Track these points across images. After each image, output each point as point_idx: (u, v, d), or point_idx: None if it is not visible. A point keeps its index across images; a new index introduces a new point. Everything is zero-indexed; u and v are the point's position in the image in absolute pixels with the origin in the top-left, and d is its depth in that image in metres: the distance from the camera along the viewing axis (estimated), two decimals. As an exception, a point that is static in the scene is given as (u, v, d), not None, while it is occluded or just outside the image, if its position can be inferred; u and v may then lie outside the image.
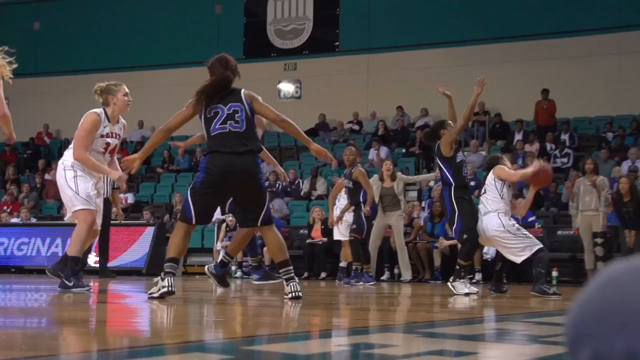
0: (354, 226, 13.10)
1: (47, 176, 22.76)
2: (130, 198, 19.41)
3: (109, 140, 8.39)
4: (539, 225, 16.33)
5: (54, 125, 26.30)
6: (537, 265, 10.30)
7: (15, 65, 8.01)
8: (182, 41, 24.67)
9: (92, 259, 15.19)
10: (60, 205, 20.57)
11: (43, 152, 25.46)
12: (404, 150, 21.29)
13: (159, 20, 25.57)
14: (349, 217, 13.59)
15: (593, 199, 14.52)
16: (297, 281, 7.16)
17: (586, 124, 21.16)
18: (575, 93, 21.00)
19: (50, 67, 26.69)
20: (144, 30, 25.60)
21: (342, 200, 13.97)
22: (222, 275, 8.60)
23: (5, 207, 20.65)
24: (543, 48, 21.63)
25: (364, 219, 13.02)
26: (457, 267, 10.02)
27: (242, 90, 7.14)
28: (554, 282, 15.04)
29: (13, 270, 17.72)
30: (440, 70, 22.38)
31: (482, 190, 10.34)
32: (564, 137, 19.86)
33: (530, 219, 16.43)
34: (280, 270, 7.22)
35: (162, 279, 6.92)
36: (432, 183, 17.43)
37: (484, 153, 20.25)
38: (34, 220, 19.50)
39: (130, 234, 16.87)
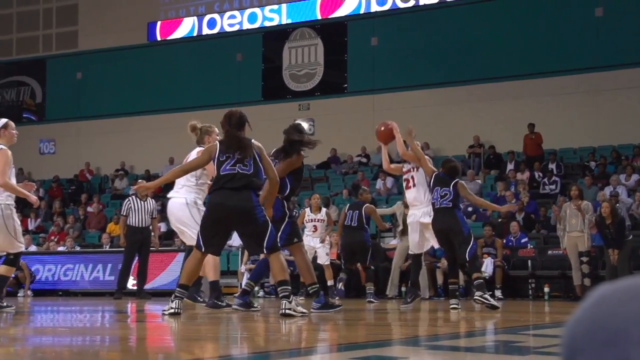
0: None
1: (89, 209, 22.83)
2: (163, 227, 19.43)
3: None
4: (531, 246, 16.28)
5: (95, 163, 26.42)
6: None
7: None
8: (208, 86, 24.82)
9: (131, 282, 15.24)
10: (100, 234, 20.64)
11: (85, 187, 25.55)
12: (406, 180, 21.25)
13: (186, 67, 25.74)
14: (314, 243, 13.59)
15: (578, 221, 14.51)
16: (290, 300, 7.31)
17: (571, 154, 21.13)
18: (561, 126, 21.00)
19: (90, 111, 26.85)
20: (173, 77, 25.77)
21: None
22: (248, 303, 8.57)
23: (52, 237, 20.74)
24: (531, 87, 21.66)
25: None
26: (480, 280, 9.92)
27: (252, 140, 7.29)
28: (546, 297, 14.99)
29: (60, 293, 17.75)
30: (438, 108, 22.47)
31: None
32: (552, 166, 19.83)
33: (523, 240, 16.39)
34: (278, 289, 7.46)
35: (172, 301, 7.16)
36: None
37: (479, 181, 20.24)
38: (78, 249, 19.55)
39: (163, 259, 16.89)
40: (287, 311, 7.20)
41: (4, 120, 8.97)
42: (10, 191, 8.63)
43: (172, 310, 7.06)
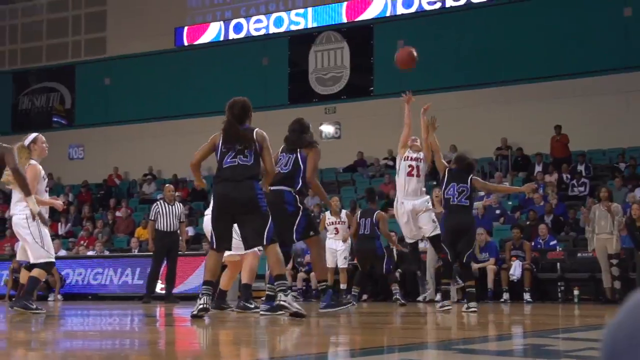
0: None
1: (117, 213, 22.96)
2: (190, 231, 19.51)
3: None
4: (560, 249, 16.16)
5: (123, 168, 26.59)
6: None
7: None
8: (234, 90, 24.74)
9: (159, 286, 15.29)
10: (129, 239, 20.76)
11: (113, 192, 25.71)
12: (434, 182, 21.20)
13: (213, 72, 25.83)
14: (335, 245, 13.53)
15: (608, 223, 14.42)
16: (287, 294, 7.33)
17: (600, 155, 20.96)
18: (589, 128, 20.85)
19: (119, 117, 27.03)
20: (200, 82, 25.88)
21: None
22: (274, 307, 8.49)
23: (82, 242, 20.87)
24: (558, 88, 21.51)
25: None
26: (473, 290, 9.86)
27: (256, 130, 7.31)
28: (576, 300, 14.87)
29: (89, 297, 17.86)
30: (465, 110, 22.35)
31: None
32: (580, 167, 19.70)
33: (552, 243, 16.27)
34: (276, 283, 7.38)
35: (200, 298, 7.24)
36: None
37: (507, 183, 20.13)
38: (107, 253, 19.66)
39: (191, 263, 16.92)
40: (283, 302, 7.22)
41: (33, 135, 9.26)
42: (41, 204, 8.88)
43: (201, 306, 7.13)
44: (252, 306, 9.20)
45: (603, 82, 21.09)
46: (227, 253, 8.25)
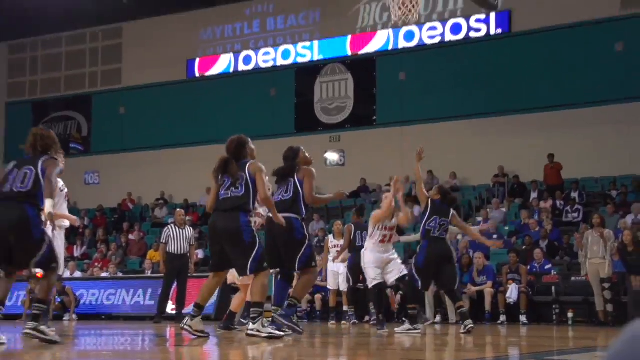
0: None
1: (130, 236, 22.96)
2: (200, 254, 19.49)
3: None
4: (555, 273, 16.12)
5: (136, 193, 26.62)
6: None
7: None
8: (243, 119, 24.92)
9: (170, 307, 15.24)
10: (141, 261, 20.73)
11: (127, 216, 25.72)
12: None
13: (223, 102, 25.92)
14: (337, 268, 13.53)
15: (600, 248, 14.40)
16: (256, 322, 7.29)
17: (593, 183, 20.93)
18: (582, 156, 20.84)
19: (133, 144, 27.10)
20: (210, 111, 25.96)
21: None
22: (280, 329, 8.23)
23: (96, 263, 20.87)
24: (553, 118, 21.51)
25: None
26: (464, 309, 10.16)
27: (248, 163, 7.47)
28: (570, 322, 14.80)
29: (103, 317, 17.81)
30: (464, 139, 22.37)
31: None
32: (574, 194, 19.68)
33: (547, 267, 16.23)
34: (251, 309, 7.52)
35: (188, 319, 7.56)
36: (459, 236, 17.21)
37: (504, 210, 20.12)
38: (120, 275, 19.64)
39: (200, 285, 16.87)
40: (251, 332, 7.28)
41: None
42: (57, 218, 8.82)
43: (186, 327, 7.48)
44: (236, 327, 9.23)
45: (595, 113, 21.11)
46: (239, 277, 8.33)
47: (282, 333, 7.59)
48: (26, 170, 6.61)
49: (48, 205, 6.48)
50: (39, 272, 9.84)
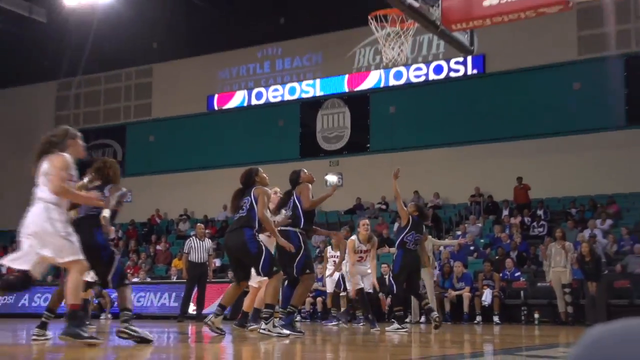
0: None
1: (158, 247, 22.91)
2: (217, 262, 19.46)
3: None
4: (523, 279, 16.07)
5: (163, 209, 26.61)
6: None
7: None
8: (255, 146, 24.96)
9: (191, 308, 15.20)
10: (167, 268, 20.68)
11: (155, 229, 25.68)
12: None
13: (237, 131, 25.95)
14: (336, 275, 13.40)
15: (562, 258, 14.38)
16: (268, 322, 7.34)
17: (555, 202, 20.91)
18: (547, 179, 20.84)
19: (160, 167, 27.11)
20: (226, 139, 25.98)
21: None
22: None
23: (128, 270, 20.80)
24: (522, 146, 21.53)
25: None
26: (430, 304, 10.41)
27: (254, 189, 7.55)
28: (536, 322, 14.74)
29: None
30: (445, 163, 22.39)
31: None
32: (539, 212, 19.65)
33: (517, 274, 16.19)
34: (263, 309, 7.57)
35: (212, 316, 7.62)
36: (442, 248, 17.21)
37: (480, 225, 20.09)
38: (148, 280, 19.59)
39: (217, 289, 16.85)
40: (263, 331, 7.25)
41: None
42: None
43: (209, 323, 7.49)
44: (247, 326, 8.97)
45: (556, 142, 21.14)
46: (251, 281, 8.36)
47: (288, 332, 7.55)
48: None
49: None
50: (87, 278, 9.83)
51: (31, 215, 5.63)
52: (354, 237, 10.99)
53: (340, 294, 14.12)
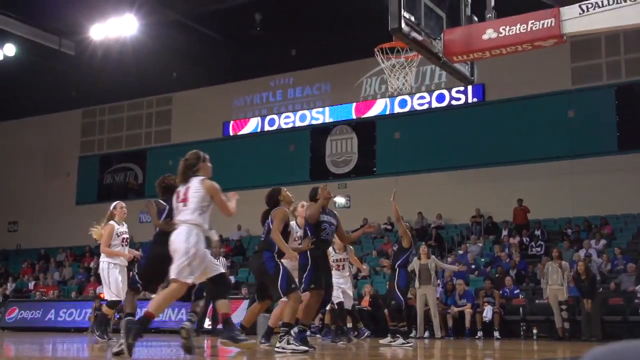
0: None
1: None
2: (232, 279, 19.40)
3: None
4: (522, 296, 15.95)
5: (181, 229, 26.56)
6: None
7: None
8: (268, 169, 24.99)
9: (207, 323, 15.14)
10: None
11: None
12: (423, 243, 21.05)
13: (251, 155, 25.99)
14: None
15: (559, 276, 14.28)
16: (286, 340, 7.06)
17: (552, 223, 20.81)
18: (544, 202, 20.76)
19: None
20: (241, 163, 25.98)
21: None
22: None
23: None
24: (520, 171, 21.47)
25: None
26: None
27: (273, 210, 7.51)
28: (535, 337, 14.61)
29: (152, 330, 17.68)
30: (447, 186, 22.33)
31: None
32: (537, 232, 19.55)
33: (516, 292, 16.07)
34: (280, 327, 7.34)
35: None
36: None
37: (480, 244, 19.99)
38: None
39: (232, 305, 16.79)
40: (277, 349, 7.04)
41: (115, 202, 9.45)
42: (111, 255, 9.04)
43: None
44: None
45: (553, 167, 21.09)
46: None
47: (305, 348, 7.29)
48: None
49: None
50: (101, 292, 9.90)
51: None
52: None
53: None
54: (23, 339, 12.75)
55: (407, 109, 24.12)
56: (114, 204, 9.56)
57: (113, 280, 9.05)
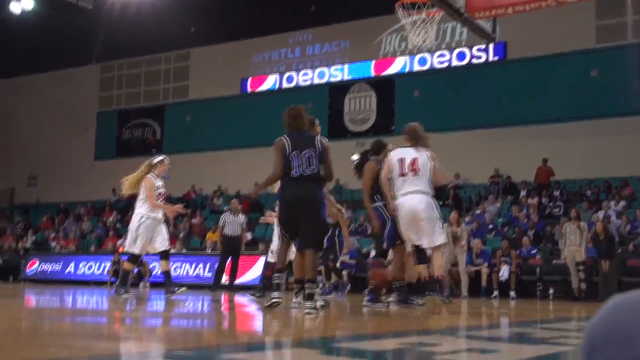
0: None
1: (193, 220, 23.06)
2: (249, 236, 19.56)
3: None
4: (539, 257, 15.95)
5: (198, 185, 26.71)
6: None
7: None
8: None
9: (224, 278, 15.28)
10: (201, 240, 20.84)
11: (191, 204, 25.82)
12: (441, 203, 21.02)
13: (269, 113, 25.83)
14: None
15: (577, 237, 14.23)
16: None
17: (572, 184, 20.66)
18: (564, 162, 20.56)
19: (196, 146, 27.20)
20: (258, 120, 25.91)
21: None
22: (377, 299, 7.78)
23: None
24: (541, 130, 21.26)
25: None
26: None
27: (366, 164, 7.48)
28: (551, 298, 14.64)
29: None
30: (467, 145, 22.12)
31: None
32: (556, 193, 19.45)
33: (533, 252, 16.06)
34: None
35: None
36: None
37: (498, 205, 19.94)
38: (184, 251, 19.74)
39: (249, 261, 16.96)
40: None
41: (162, 156, 9.39)
42: (158, 208, 9.03)
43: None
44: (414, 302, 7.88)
45: (574, 127, 20.85)
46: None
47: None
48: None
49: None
50: (121, 246, 9.94)
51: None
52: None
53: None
54: (44, 290, 12.99)
55: (426, 67, 23.88)
56: (160, 157, 9.46)
57: (142, 233, 8.99)
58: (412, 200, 6.86)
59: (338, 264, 13.31)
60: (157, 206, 9.09)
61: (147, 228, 9.06)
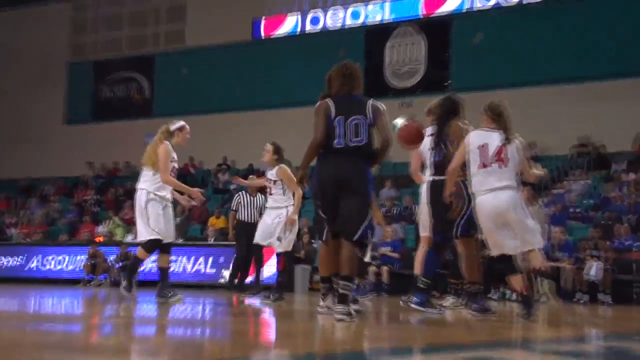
0: None
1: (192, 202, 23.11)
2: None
3: None
4: (636, 250, 15.79)
5: (198, 157, 26.77)
6: None
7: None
8: (309, 83, 24.75)
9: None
10: (202, 227, 20.92)
11: (189, 181, 25.85)
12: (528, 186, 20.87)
13: (289, 64, 25.86)
14: None
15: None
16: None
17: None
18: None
19: (195, 107, 27.18)
20: (276, 74, 25.92)
21: None
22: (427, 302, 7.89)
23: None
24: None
25: None
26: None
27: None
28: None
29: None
30: (546, 106, 21.88)
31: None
32: (664, 166, 19.22)
33: (631, 243, 15.88)
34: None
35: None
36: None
37: (586, 182, 19.78)
38: (181, 241, 19.71)
39: (267, 254, 16.90)
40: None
41: (182, 123, 9.45)
42: (170, 185, 9.07)
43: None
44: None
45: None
46: None
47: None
48: None
49: None
50: (98, 236, 10.00)
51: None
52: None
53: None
54: (0, 291, 13.15)
55: (491, 4, 23.66)
56: (180, 123, 9.60)
57: (154, 214, 9.00)
58: (499, 198, 6.79)
59: (367, 257, 13.23)
60: (170, 182, 9.14)
61: (157, 207, 9.11)
